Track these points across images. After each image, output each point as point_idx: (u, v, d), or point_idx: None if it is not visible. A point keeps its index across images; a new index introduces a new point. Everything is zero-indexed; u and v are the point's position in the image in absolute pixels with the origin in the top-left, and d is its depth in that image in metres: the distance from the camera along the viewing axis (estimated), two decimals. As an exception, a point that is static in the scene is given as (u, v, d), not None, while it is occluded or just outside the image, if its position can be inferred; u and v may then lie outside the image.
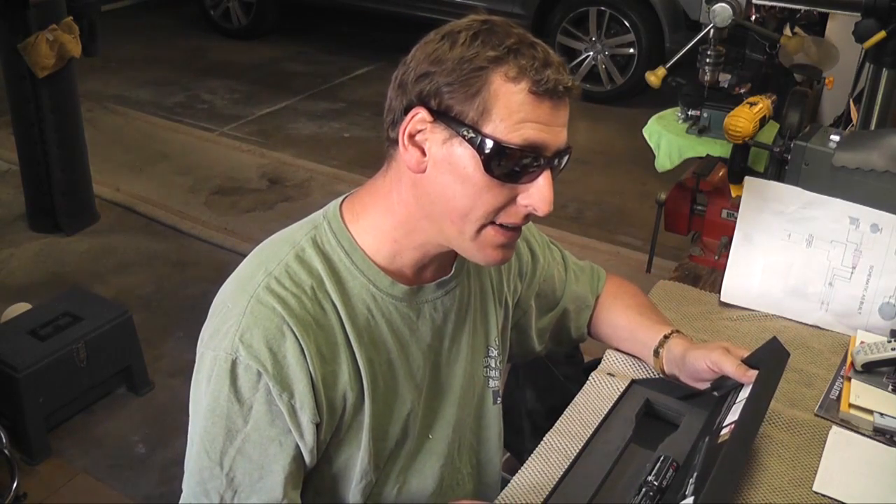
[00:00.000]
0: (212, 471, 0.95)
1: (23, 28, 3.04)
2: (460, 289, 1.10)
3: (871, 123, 1.75)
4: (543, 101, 0.90)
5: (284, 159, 4.30)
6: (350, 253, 1.01)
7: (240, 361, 0.92)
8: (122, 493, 2.23)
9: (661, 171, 1.96)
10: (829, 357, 1.39)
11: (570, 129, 0.97)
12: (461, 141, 0.90)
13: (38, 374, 2.28)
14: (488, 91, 0.89)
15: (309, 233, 1.01)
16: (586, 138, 4.69)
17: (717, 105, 1.88)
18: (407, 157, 0.94)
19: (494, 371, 1.18)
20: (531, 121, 0.90)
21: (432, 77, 0.90)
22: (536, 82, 0.89)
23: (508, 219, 0.95)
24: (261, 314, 0.94)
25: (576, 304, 1.34)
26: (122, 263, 3.33)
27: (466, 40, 0.90)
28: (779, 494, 1.10)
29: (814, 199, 1.47)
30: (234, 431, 0.94)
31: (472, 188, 0.92)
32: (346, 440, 1.02)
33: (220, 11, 6.24)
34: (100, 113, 4.78)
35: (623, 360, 1.35)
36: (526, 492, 1.10)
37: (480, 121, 0.89)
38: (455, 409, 1.12)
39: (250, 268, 0.99)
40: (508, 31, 0.91)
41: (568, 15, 5.01)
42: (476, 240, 0.96)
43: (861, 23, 1.61)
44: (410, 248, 1.01)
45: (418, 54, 0.93)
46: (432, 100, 0.91)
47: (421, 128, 0.92)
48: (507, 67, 0.89)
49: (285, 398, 0.93)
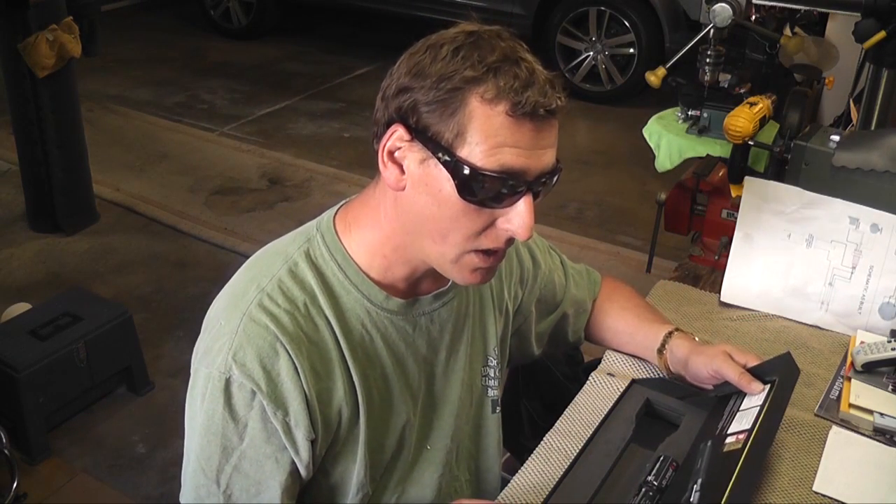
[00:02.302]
0: (208, 488, 0.95)
1: (23, 28, 3.04)
2: (458, 299, 1.09)
3: (871, 123, 1.75)
4: (524, 124, 0.85)
5: (284, 159, 4.30)
6: (343, 267, 0.99)
7: (233, 380, 0.92)
8: (122, 493, 2.23)
9: (661, 171, 1.96)
10: (829, 357, 1.39)
11: (569, 129, 0.96)
12: (436, 162, 0.87)
13: (38, 374, 2.28)
14: (464, 113, 0.85)
15: (302, 246, 1.00)
16: (586, 138, 4.68)
17: (717, 105, 1.87)
18: (386, 175, 0.92)
19: (493, 380, 1.17)
20: (509, 145, 0.85)
21: (411, 93, 0.87)
22: (515, 105, 0.84)
23: (489, 243, 0.92)
24: (253, 332, 0.93)
25: (575, 308, 1.34)
26: (122, 263, 3.33)
27: (448, 55, 0.86)
28: (779, 494, 1.10)
29: (814, 199, 1.47)
30: (230, 449, 0.94)
31: (448, 211, 0.89)
32: (342, 454, 1.01)
33: (220, 11, 6.24)
34: (100, 113, 4.78)
35: (623, 360, 1.35)
36: (526, 492, 1.10)
37: (456, 143, 0.86)
38: (452, 419, 1.11)
39: (243, 283, 0.98)
40: (493, 46, 0.87)
41: (568, 15, 5.01)
42: (457, 263, 0.94)
43: (861, 23, 1.61)
44: (399, 263, 0.99)
45: (402, 66, 0.90)
46: (411, 117, 0.88)
47: (399, 145, 0.89)
48: (485, 88, 0.84)
49: (280, 416, 0.93)
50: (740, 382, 1.13)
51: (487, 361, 1.16)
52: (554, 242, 1.38)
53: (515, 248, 1.24)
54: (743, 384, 1.13)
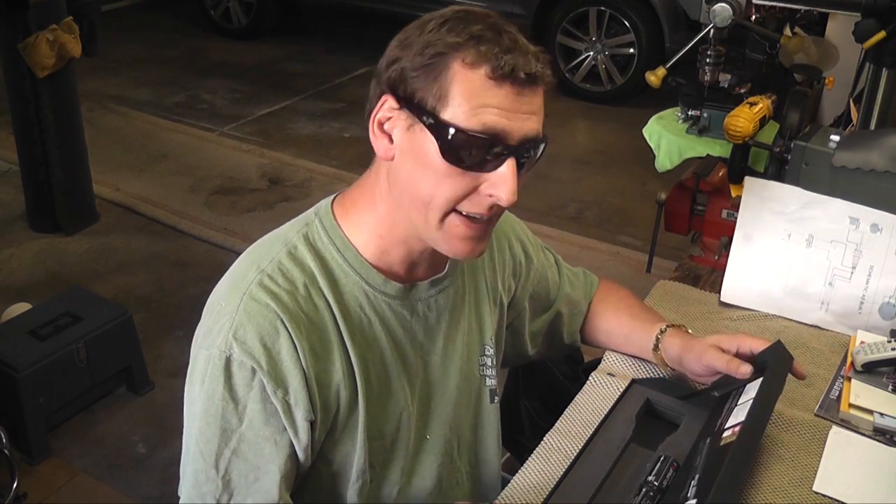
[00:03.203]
0: (207, 473, 0.95)
1: (23, 28, 3.04)
2: (454, 287, 1.10)
3: (871, 123, 1.75)
4: (503, 86, 0.87)
5: (284, 159, 4.30)
6: (342, 250, 1.01)
7: (234, 358, 0.92)
8: (122, 493, 2.24)
9: (661, 171, 1.96)
10: (829, 357, 1.39)
11: (570, 129, 0.96)
12: (422, 127, 0.89)
13: (38, 374, 2.28)
14: (446, 76, 0.88)
15: (301, 230, 1.02)
16: (586, 138, 4.69)
17: (717, 105, 1.87)
18: (377, 145, 0.94)
19: (491, 370, 1.18)
20: (491, 106, 0.87)
21: (399, 62, 0.90)
22: (495, 67, 0.87)
23: (472, 208, 0.93)
24: (254, 310, 0.94)
25: (569, 308, 1.34)
26: (122, 263, 3.33)
27: (434, 27, 0.90)
28: (779, 494, 1.10)
29: (814, 199, 1.47)
30: (229, 431, 0.94)
31: (433, 175, 0.90)
32: (341, 439, 1.02)
33: (220, 11, 6.24)
34: (100, 113, 4.78)
35: (623, 360, 1.35)
36: (526, 492, 1.10)
37: (439, 106, 0.88)
38: (451, 408, 1.12)
39: (243, 266, 0.99)
40: (479, 20, 0.90)
41: (568, 15, 5.01)
42: (441, 229, 0.94)
43: (861, 23, 1.61)
44: (394, 243, 1.01)
45: (393, 42, 0.94)
46: (399, 86, 0.90)
47: (389, 115, 0.92)
48: (466, 53, 0.87)
49: (280, 394, 0.93)
50: (729, 369, 1.13)
51: (484, 351, 1.17)
52: (554, 242, 1.38)
53: (509, 242, 1.24)
54: (732, 370, 1.13)
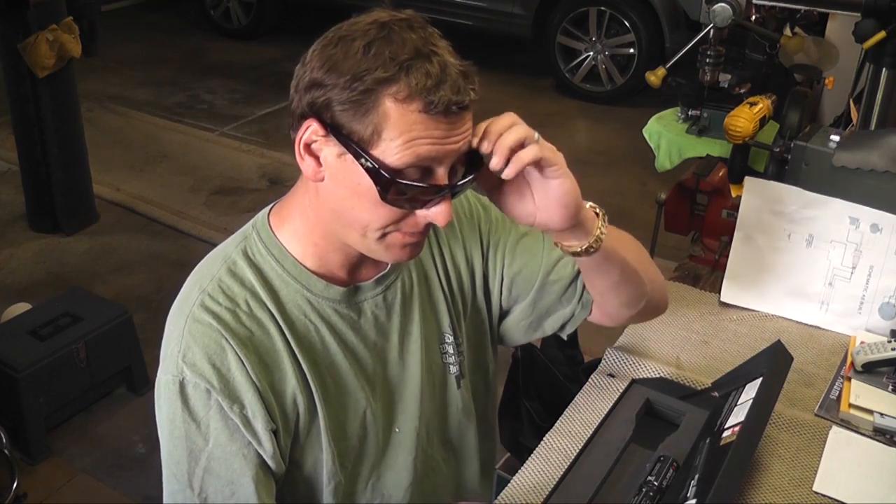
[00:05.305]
0: (184, 493, 0.96)
1: (23, 28, 3.04)
2: (401, 282, 1.09)
3: (871, 123, 1.75)
4: (438, 120, 0.87)
5: (284, 159, 4.30)
6: (280, 260, 1.01)
7: (187, 381, 0.94)
8: (122, 493, 2.24)
9: (661, 171, 1.96)
10: (829, 357, 1.39)
11: (570, 129, 0.95)
12: (353, 159, 0.88)
13: (38, 374, 2.28)
14: (377, 113, 0.86)
15: (240, 245, 1.03)
16: (586, 138, 4.68)
17: (717, 105, 1.87)
18: (304, 167, 0.93)
19: (453, 356, 1.17)
20: (423, 137, 0.87)
21: (324, 90, 0.87)
22: (428, 104, 0.85)
23: (408, 229, 0.94)
24: (198, 332, 0.95)
25: (556, 261, 1.17)
26: (122, 263, 3.33)
27: (359, 51, 0.86)
28: (779, 494, 1.10)
29: (814, 199, 1.47)
30: (197, 451, 0.95)
31: (367, 203, 0.90)
32: (307, 444, 1.03)
33: (220, 11, 6.24)
34: (100, 113, 4.78)
35: (623, 360, 1.35)
36: (526, 492, 1.10)
37: (371, 141, 0.87)
38: (416, 400, 1.11)
39: (187, 288, 1.01)
40: (405, 40, 0.86)
41: (568, 15, 5.00)
42: (380, 244, 0.95)
43: (861, 23, 1.61)
44: (331, 250, 1.00)
45: (314, 58, 0.89)
46: (325, 113, 0.88)
47: (315, 139, 0.90)
48: (398, 88, 0.85)
49: (237, 410, 0.94)
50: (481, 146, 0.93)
51: (444, 339, 1.15)
52: (554, 242, 1.36)
53: (456, 215, 1.15)
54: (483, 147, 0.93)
